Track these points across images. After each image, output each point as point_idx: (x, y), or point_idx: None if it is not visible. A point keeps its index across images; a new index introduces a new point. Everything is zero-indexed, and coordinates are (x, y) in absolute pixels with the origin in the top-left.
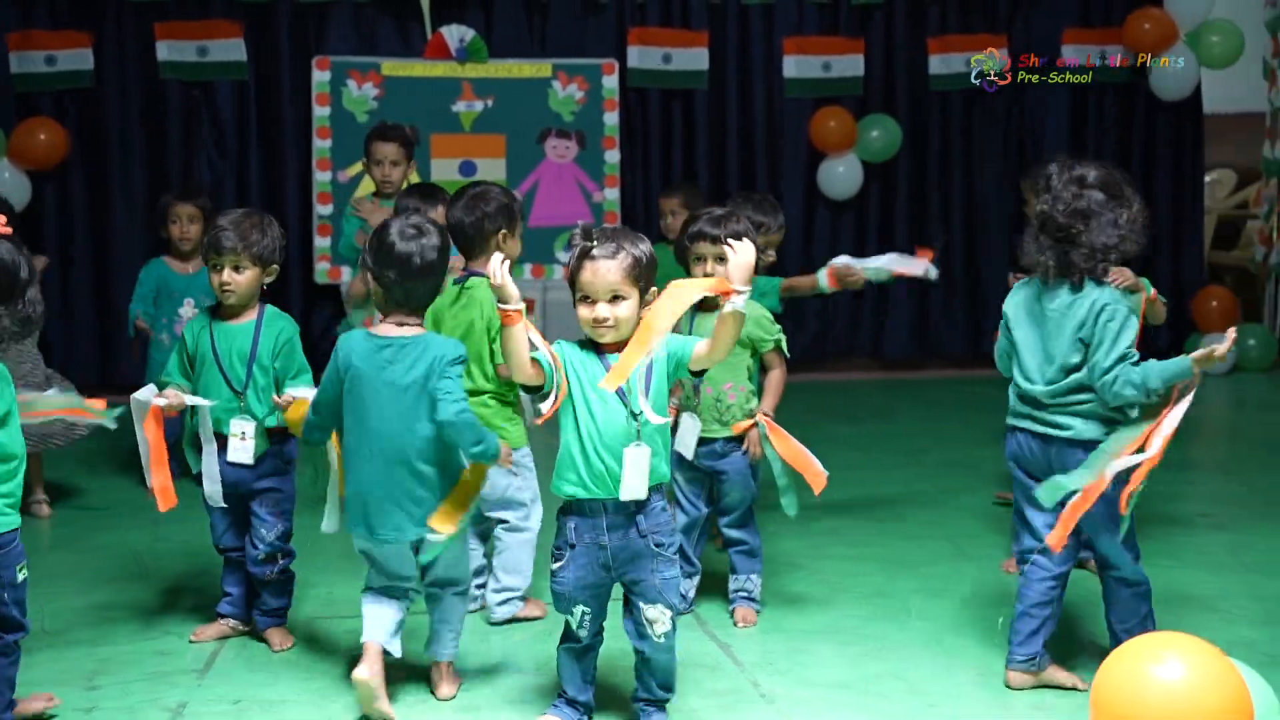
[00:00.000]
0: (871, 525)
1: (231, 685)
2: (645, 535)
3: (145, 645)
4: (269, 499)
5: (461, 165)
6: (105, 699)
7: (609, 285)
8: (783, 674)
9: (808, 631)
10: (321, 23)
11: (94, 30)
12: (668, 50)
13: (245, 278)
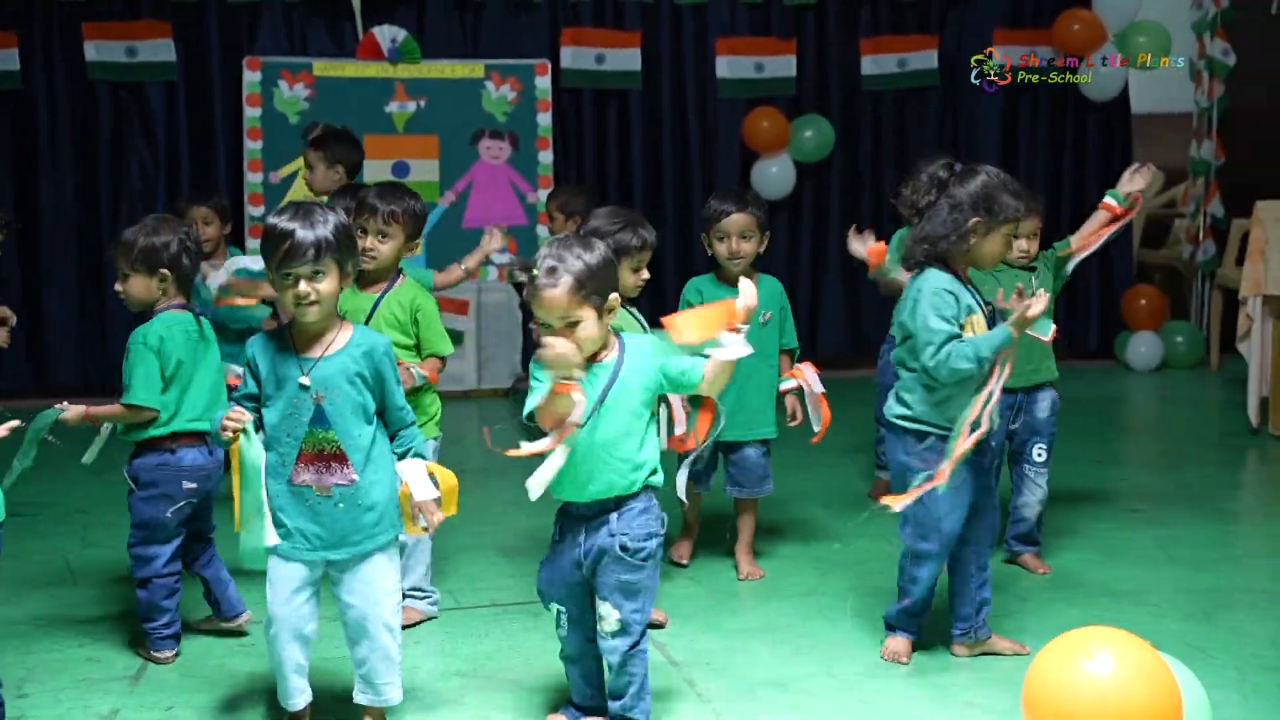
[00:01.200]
0: (807, 524)
1: (164, 692)
2: (614, 535)
3: (76, 652)
4: None
5: (394, 166)
6: (35, 706)
7: (559, 312)
8: (718, 672)
9: (743, 630)
10: (252, 23)
11: (20, 30)
12: (601, 50)
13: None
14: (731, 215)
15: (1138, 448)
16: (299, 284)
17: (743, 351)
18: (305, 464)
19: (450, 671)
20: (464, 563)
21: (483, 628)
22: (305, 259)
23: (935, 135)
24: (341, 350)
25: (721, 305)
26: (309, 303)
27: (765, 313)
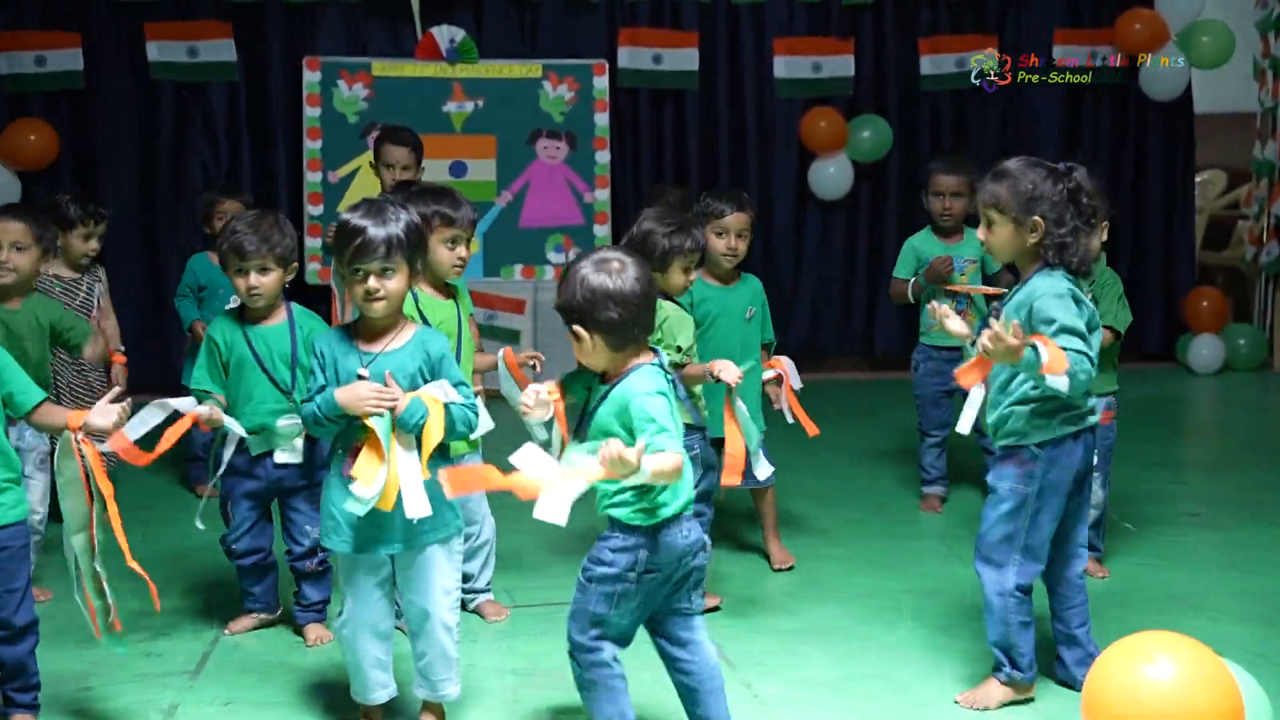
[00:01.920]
0: (861, 526)
1: (222, 687)
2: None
3: (136, 647)
4: (310, 495)
5: (452, 166)
6: (96, 700)
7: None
8: (774, 674)
9: (797, 631)
10: (312, 23)
11: (84, 30)
12: (658, 51)
13: (271, 279)
14: (733, 214)
15: (1198, 451)
16: (368, 280)
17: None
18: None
19: (506, 669)
20: (519, 562)
21: (539, 626)
22: (375, 256)
23: (994, 135)
24: (402, 348)
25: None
26: (377, 298)
27: (750, 309)
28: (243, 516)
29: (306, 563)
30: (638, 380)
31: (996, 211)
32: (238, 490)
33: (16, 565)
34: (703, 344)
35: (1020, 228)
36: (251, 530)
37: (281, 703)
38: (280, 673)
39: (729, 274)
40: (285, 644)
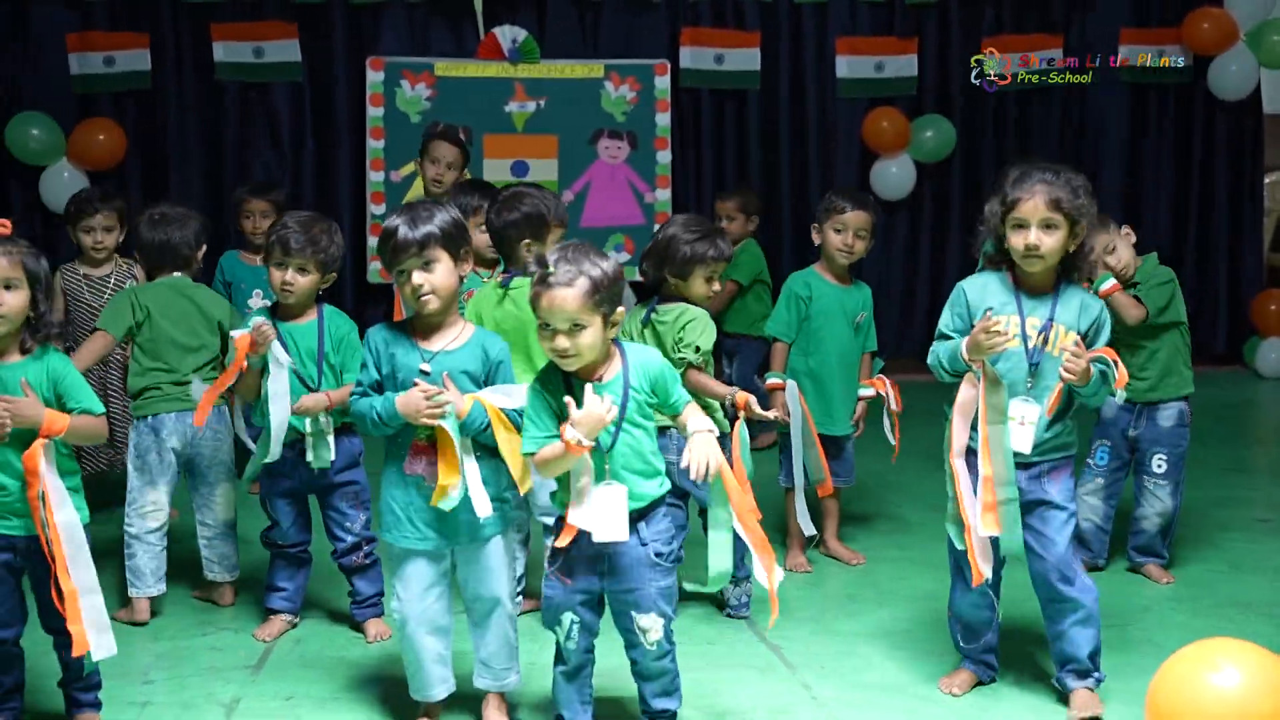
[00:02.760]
0: (922, 528)
1: (284, 682)
2: (646, 544)
3: (199, 641)
4: (348, 492)
5: (514, 165)
6: (159, 694)
7: (566, 315)
8: (834, 676)
9: (858, 634)
10: (375, 23)
11: (151, 31)
12: (720, 51)
13: (307, 280)
14: (854, 211)
15: (1267, 456)
16: (412, 277)
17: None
18: (418, 455)
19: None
20: None
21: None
22: (410, 254)
23: (1056, 135)
24: (462, 347)
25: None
26: (425, 293)
27: (861, 314)
28: (284, 512)
29: (353, 557)
30: (644, 353)
31: (1061, 214)
32: (275, 489)
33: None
34: (810, 341)
35: (1071, 237)
36: (295, 523)
37: (342, 698)
38: (341, 668)
39: (844, 273)
40: (345, 640)
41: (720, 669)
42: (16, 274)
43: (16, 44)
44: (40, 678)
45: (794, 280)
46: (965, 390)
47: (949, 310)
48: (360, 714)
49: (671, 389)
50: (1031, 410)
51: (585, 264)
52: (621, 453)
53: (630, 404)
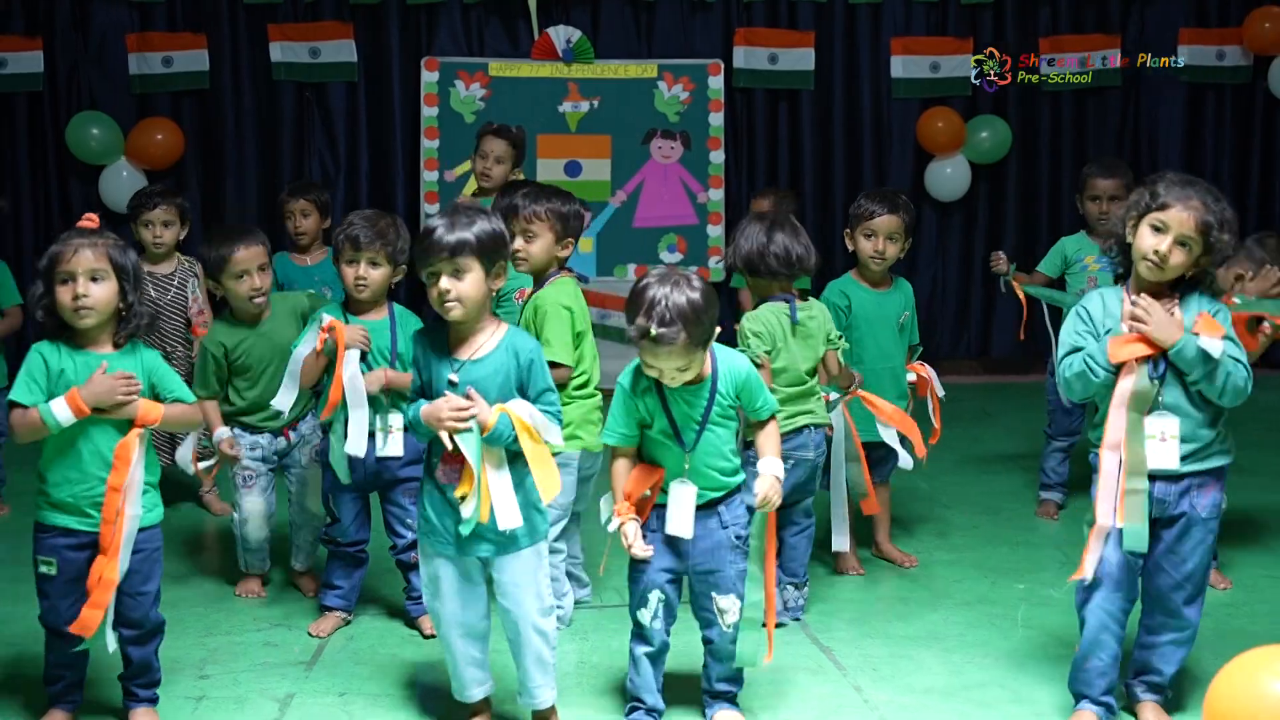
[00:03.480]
0: (975, 531)
1: (337, 678)
2: (728, 527)
3: (254, 637)
4: (410, 488)
5: (567, 165)
6: (215, 688)
7: (672, 366)
8: (885, 679)
9: (911, 637)
10: (430, 23)
11: (209, 32)
12: (774, 50)
13: (379, 274)
14: (883, 216)
15: None
16: (440, 281)
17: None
18: (448, 463)
19: (617, 668)
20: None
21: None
22: (441, 257)
23: (1114, 136)
24: (490, 354)
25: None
26: (450, 299)
27: (904, 314)
28: (346, 509)
29: (411, 554)
30: (731, 357)
31: (1202, 239)
32: (339, 484)
33: (150, 567)
34: (858, 350)
35: (1195, 264)
36: (356, 520)
37: (394, 695)
38: (394, 666)
39: (881, 277)
40: (398, 637)
41: (771, 670)
42: (103, 265)
43: (78, 45)
44: (98, 669)
45: (830, 290)
46: (1126, 381)
47: (1073, 327)
48: (412, 711)
49: (756, 395)
50: (1170, 423)
51: (683, 311)
52: (703, 450)
53: (715, 406)
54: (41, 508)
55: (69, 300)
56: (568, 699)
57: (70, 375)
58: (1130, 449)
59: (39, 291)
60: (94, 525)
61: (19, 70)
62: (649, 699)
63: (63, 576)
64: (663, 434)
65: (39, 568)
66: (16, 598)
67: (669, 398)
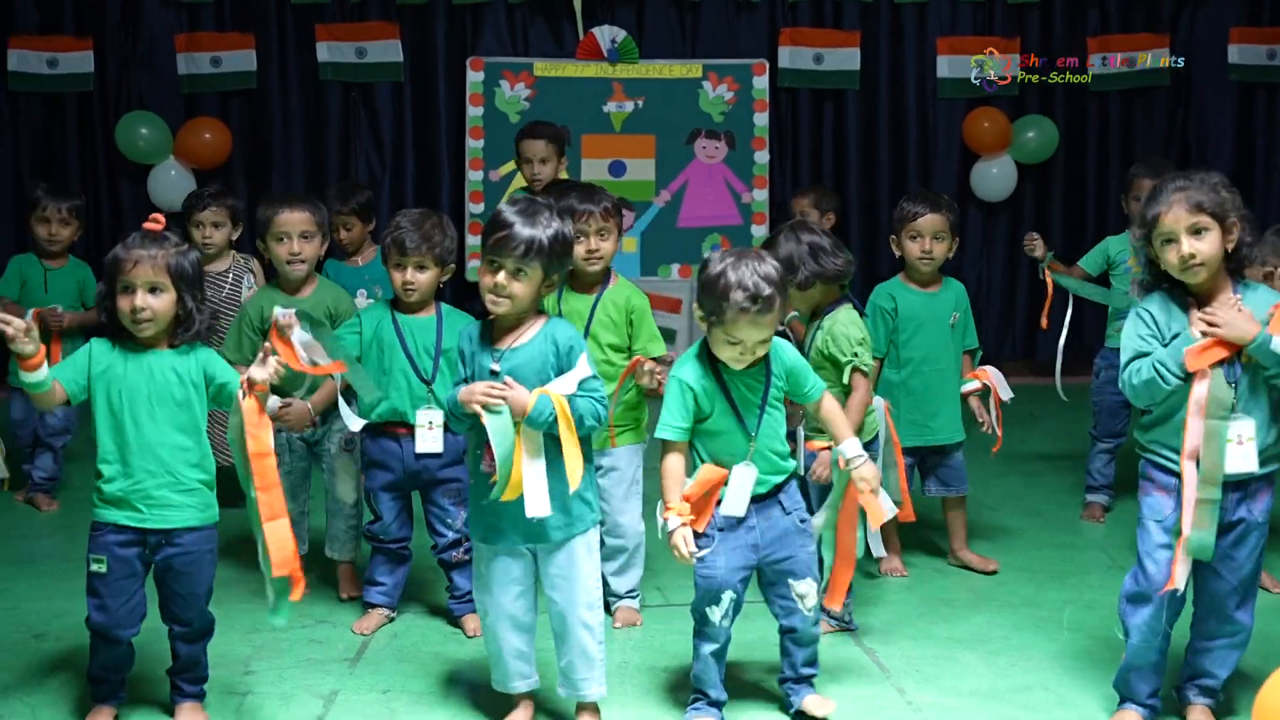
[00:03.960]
0: (1020, 533)
1: (381, 675)
2: (790, 512)
3: (299, 633)
4: (450, 489)
5: (611, 165)
6: (260, 684)
7: (757, 341)
8: (929, 681)
9: (955, 639)
10: (476, 23)
11: (257, 32)
12: (819, 50)
13: (427, 277)
14: (927, 216)
15: None
16: (498, 274)
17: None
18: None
19: (658, 667)
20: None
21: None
22: (513, 252)
23: (1162, 136)
24: (529, 342)
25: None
26: (503, 294)
27: (954, 314)
28: (387, 507)
29: (453, 553)
30: (785, 347)
31: (1207, 215)
32: (376, 483)
33: (203, 568)
34: (906, 352)
35: (1226, 236)
36: (398, 519)
37: (438, 693)
38: (437, 664)
39: (930, 278)
40: (441, 635)
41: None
42: (161, 278)
43: (128, 45)
44: (145, 665)
45: (877, 294)
46: (1200, 387)
47: (1135, 330)
48: (455, 709)
49: (804, 378)
50: (1247, 426)
51: (772, 279)
52: (764, 434)
53: (772, 389)
54: (95, 505)
55: (128, 310)
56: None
57: (118, 373)
58: (1207, 456)
59: (102, 291)
60: (143, 521)
61: (69, 70)
62: (712, 692)
63: (113, 575)
64: (725, 421)
65: (90, 565)
66: (68, 594)
67: (729, 384)
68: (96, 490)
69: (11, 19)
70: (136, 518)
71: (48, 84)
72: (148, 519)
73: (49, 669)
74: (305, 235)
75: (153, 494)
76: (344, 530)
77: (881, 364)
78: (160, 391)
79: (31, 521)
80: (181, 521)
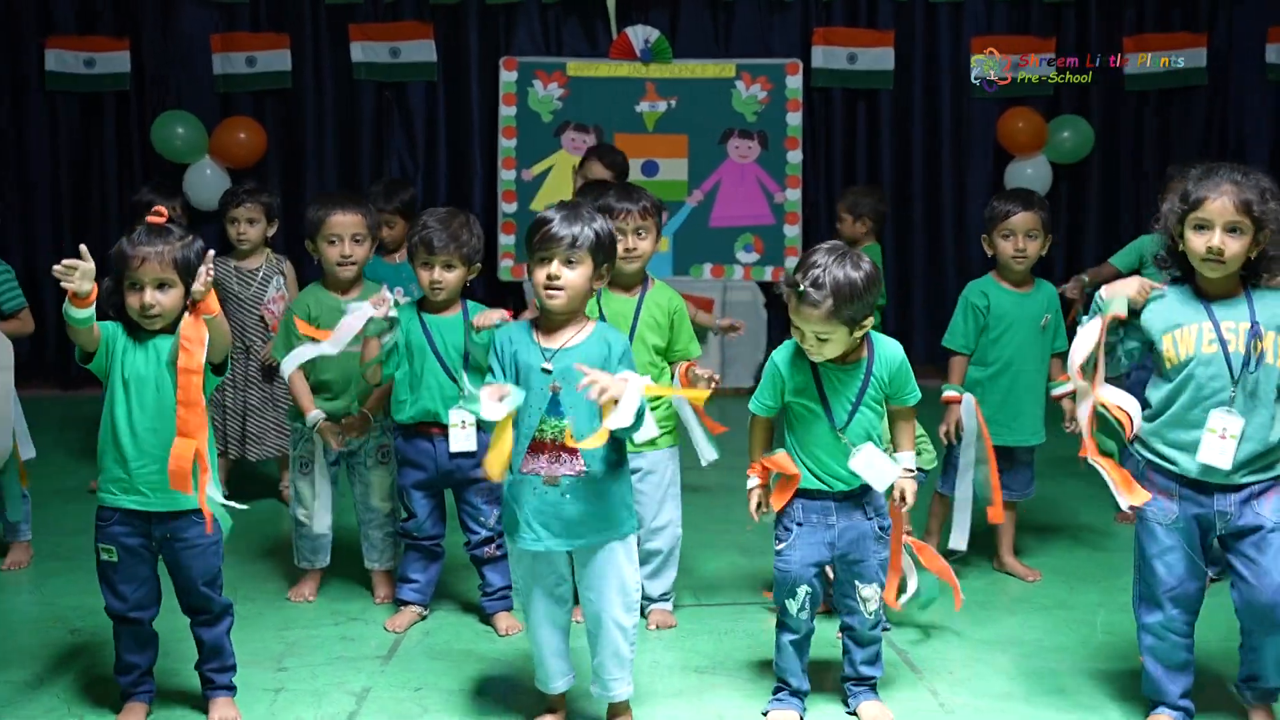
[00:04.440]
0: (1055, 536)
1: (413, 672)
2: (871, 518)
3: (331, 630)
4: (483, 487)
5: (644, 165)
6: (292, 681)
7: (816, 330)
8: (962, 683)
9: (988, 641)
10: (509, 23)
11: (292, 32)
12: (853, 50)
13: (454, 276)
14: (1020, 214)
15: None
16: (551, 265)
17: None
18: (536, 453)
19: (690, 667)
20: (705, 561)
21: (725, 625)
22: (560, 245)
23: (1199, 136)
24: (584, 342)
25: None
26: (556, 286)
27: (1045, 316)
28: (420, 505)
29: (485, 549)
30: (891, 347)
31: (1249, 218)
32: (409, 481)
33: (209, 560)
34: (995, 351)
35: (1255, 243)
36: (431, 517)
37: (470, 690)
38: (469, 661)
39: (1023, 278)
40: (474, 633)
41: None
42: (168, 274)
43: (164, 45)
44: (178, 661)
45: (971, 290)
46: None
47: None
48: (487, 707)
49: (907, 382)
50: (1234, 423)
51: (838, 274)
52: (856, 430)
53: (870, 388)
54: (101, 490)
55: (137, 307)
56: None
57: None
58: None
59: (109, 288)
60: (149, 505)
61: (107, 70)
62: (794, 681)
63: (124, 562)
64: (812, 408)
65: (100, 555)
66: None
67: (821, 373)
68: (102, 473)
69: (50, 19)
70: (142, 501)
71: (85, 84)
72: (152, 502)
73: (83, 663)
74: (356, 238)
75: (154, 478)
76: (381, 539)
77: (968, 361)
78: (164, 375)
79: (68, 516)
80: (188, 503)
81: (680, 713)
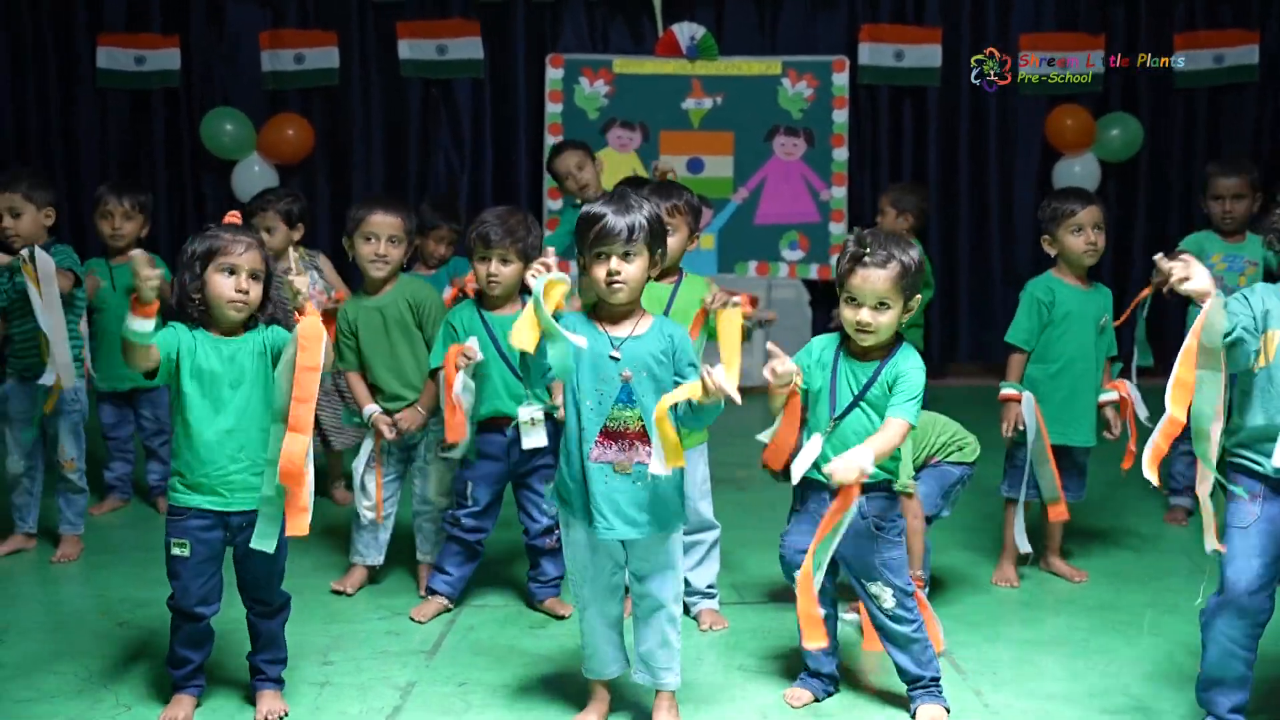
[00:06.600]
0: (1101, 536)
1: (457, 667)
2: (866, 517)
3: (377, 625)
4: (546, 474)
5: (690, 162)
6: (338, 674)
7: (876, 293)
8: (1006, 684)
9: (1033, 641)
10: (555, 20)
11: (339, 29)
12: (900, 47)
13: (510, 270)
14: (1086, 209)
15: None
16: (610, 261)
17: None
18: (607, 441)
19: (733, 665)
20: (747, 557)
21: (767, 624)
22: (618, 239)
23: (1249, 134)
24: (647, 333)
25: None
26: (619, 280)
27: (1104, 317)
28: (481, 497)
29: (545, 540)
30: (913, 354)
31: None
32: (479, 472)
33: (281, 550)
34: (1050, 349)
35: None
36: (486, 510)
37: (514, 685)
38: (514, 656)
39: (1085, 276)
40: (518, 628)
41: (889, 672)
42: (260, 266)
43: (213, 42)
44: (223, 654)
45: (1035, 285)
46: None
47: (1233, 306)
48: (531, 702)
49: (901, 391)
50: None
51: (897, 249)
52: (847, 430)
53: (875, 385)
54: (175, 490)
55: (231, 291)
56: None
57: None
58: (1195, 402)
59: (188, 278)
60: (225, 505)
61: (156, 67)
62: (811, 663)
63: (195, 558)
64: (820, 391)
65: (171, 550)
66: (151, 583)
67: (840, 364)
68: (177, 474)
69: (101, 17)
70: (220, 502)
71: (135, 81)
72: (231, 502)
73: (133, 657)
74: (393, 239)
75: (234, 478)
76: (434, 532)
77: (1027, 358)
78: (238, 375)
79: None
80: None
81: (723, 710)
